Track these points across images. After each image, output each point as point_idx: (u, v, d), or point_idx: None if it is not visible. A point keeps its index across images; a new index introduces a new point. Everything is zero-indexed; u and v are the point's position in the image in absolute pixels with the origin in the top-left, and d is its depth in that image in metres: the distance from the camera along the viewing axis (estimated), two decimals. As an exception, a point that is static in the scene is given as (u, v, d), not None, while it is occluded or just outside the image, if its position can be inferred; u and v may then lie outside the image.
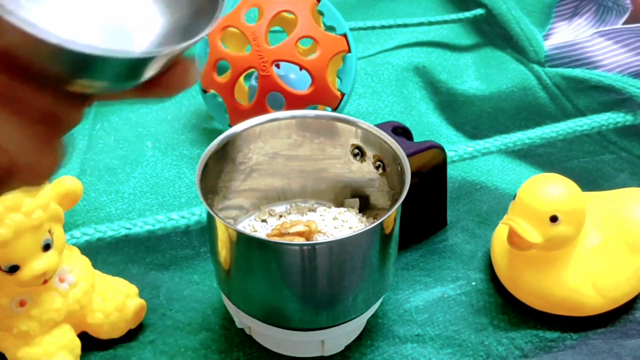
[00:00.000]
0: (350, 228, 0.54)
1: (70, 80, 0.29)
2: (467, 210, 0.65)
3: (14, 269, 0.48)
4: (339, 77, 0.69)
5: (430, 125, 0.77)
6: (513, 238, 0.52)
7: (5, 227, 0.46)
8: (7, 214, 0.46)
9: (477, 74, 0.85)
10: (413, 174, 0.48)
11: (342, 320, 0.49)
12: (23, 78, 0.26)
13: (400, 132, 0.58)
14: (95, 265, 0.54)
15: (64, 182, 0.51)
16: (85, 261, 0.53)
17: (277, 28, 0.71)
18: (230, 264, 0.48)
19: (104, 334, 0.53)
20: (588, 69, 0.84)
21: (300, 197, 0.58)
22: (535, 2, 0.93)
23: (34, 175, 0.27)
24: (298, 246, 0.46)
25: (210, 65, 0.68)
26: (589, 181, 0.67)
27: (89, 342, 0.53)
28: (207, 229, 0.50)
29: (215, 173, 0.53)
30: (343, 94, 0.69)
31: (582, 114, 0.78)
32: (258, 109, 0.66)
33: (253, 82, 0.70)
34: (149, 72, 0.30)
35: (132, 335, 0.54)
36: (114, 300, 0.52)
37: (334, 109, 0.68)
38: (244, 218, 0.57)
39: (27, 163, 0.27)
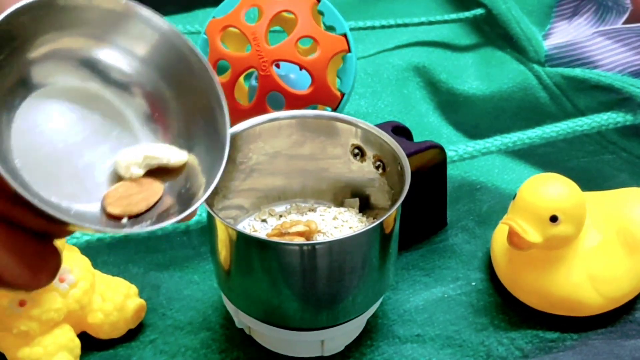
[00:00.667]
0: (350, 228, 0.54)
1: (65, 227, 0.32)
2: (467, 210, 0.65)
3: (14, 269, 0.48)
4: (339, 77, 0.69)
5: (430, 125, 0.77)
6: (513, 238, 0.52)
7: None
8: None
9: (477, 74, 0.85)
10: (413, 174, 0.48)
11: (342, 320, 0.49)
12: (17, 229, 0.31)
13: (400, 132, 0.58)
14: (95, 265, 0.54)
15: (64, 182, 0.50)
16: (85, 261, 0.53)
17: (277, 28, 0.71)
18: (230, 264, 0.48)
19: (104, 334, 0.53)
20: (588, 68, 0.84)
21: (300, 197, 0.58)
22: (535, 2, 0.93)
23: (29, 285, 0.32)
24: (298, 246, 0.46)
25: (210, 65, 0.68)
26: (589, 181, 0.67)
27: (89, 342, 0.53)
28: (207, 229, 0.50)
29: (215, 173, 0.53)
30: (343, 94, 0.69)
31: (582, 113, 0.78)
32: (258, 109, 0.66)
33: (253, 82, 0.71)
34: None
35: (132, 335, 0.54)
36: (114, 300, 0.52)
37: (334, 109, 0.68)
38: (244, 218, 0.57)
39: (20, 285, 0.32)
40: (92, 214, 0.36)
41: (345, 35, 0.68)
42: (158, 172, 0.37)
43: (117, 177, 0.37)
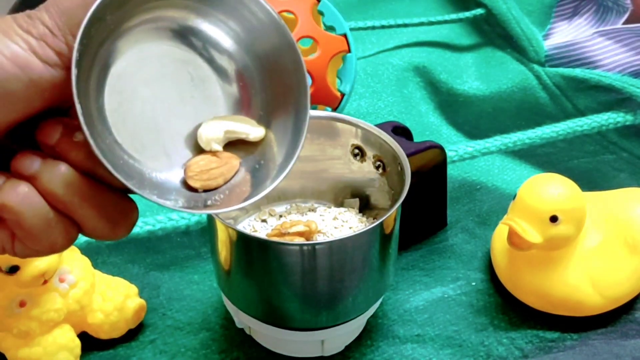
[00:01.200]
0: (350, 228, 0.54)
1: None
2: (467, 210, 0.65)
3: (14, 269, 0.48)
4: (339, 77, 0.69)
5: (430, 125, 0.77)
6: (513, 238, 0.52)
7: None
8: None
9: (477, 74, 0.85)
10: (413, 174, 0.48)
11: (342, 320, 0.50)
12: (101, 185, 0.34)
13: (400, 132, 0.58)
14: (95, 265, 0.54)
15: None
16: (85, 261, 0.53)
17: (277, 28, 0.71)
18: (230, 264, 0.48)
19: (104, 334, 0.53)
20: (588, 68, 0.84)
21: (300, 197, 0.58)
22: (535, 2, 0.93)
23: (108, 236, 0.35)
24: (298, 246, 0.46)
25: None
26: (589, 181, 0.67)
27: (89, 342, 0.53)
28: (207, 229, 0.50)
29: (215, 173, 0.53)
30: (343, 94, 0.69)
31: (582, 113, 0.78)
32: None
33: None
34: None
35: (132, 335, 0.54)
36: (114, 300, 0.52)
37: (334, 109, 0.68)
38: (244, 218, 0.57)
39: (99, 237, 0.35)
40: (172, 182, 0.37)
41: (345, 35, 0.68)
42: (235, 143, 0.39)
43: (197, 145, 0.38)
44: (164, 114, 0.38)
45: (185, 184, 0.38)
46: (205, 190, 0.38)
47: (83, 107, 0.32)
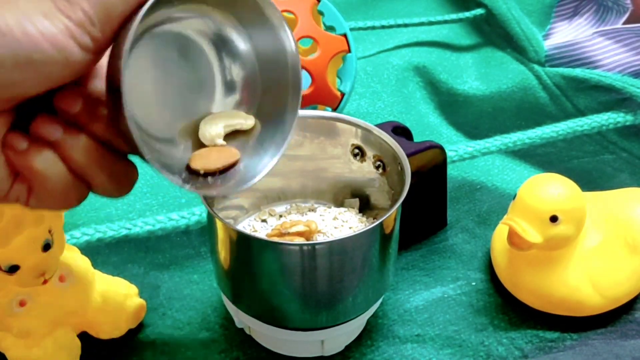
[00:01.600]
0: (350, 228, 0.54)
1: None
2: (467, 210, 0.65)
3: (13, 268, 0.48)
4: (339, 77, 0.69)
5: (430, 125, 0.77)
6: (513, 238, 0.52)
7: (5, 221, 0.45)
8: (6, 209, 0.45)
9: (477, 74, 0.85)
10: (413, 174, 0.48)
11: (342, 320, 0.49)
12: (113, 152, 0.38)
13: (400, 132, 0.58)
14: (95, 265, 0.54)
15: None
16: (85, 261, 0.53)
17: (277, 28, 0.71)
18: (230, 264, 0.48)
19: (104, 334, 0.53)
20: (588, 68, 0.84)
21: (300, 197, 0.58)
22: (535, 2, 0.93)
23: (113, 195, 0.39)
24: (298, 246, 0.46)
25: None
26: (589, 181, 0.67)
27: (89, 342, 0.53)
28: (207, 229, 0.51)
29: (215, 173, 0.53)
30: (343, 94, 0.69)
31: (582, 113, 0.78)
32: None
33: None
34: None
35: (132, 334, 0.54)
36: (114, 300, 0.52)
37: (334, 109, 0.68)
38: (244, 218, 0.57)
39: (107, 195, 0.39)
40: (176, 162, 0.41)
41: (345, 35, 0.68)
42: (233, 134, 0.42)
43: (196, 127, 0.42)
44: (171, 96, 0.40)
45: (187, 167, 0.41)
46: (206, 174, 0.40)
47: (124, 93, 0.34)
